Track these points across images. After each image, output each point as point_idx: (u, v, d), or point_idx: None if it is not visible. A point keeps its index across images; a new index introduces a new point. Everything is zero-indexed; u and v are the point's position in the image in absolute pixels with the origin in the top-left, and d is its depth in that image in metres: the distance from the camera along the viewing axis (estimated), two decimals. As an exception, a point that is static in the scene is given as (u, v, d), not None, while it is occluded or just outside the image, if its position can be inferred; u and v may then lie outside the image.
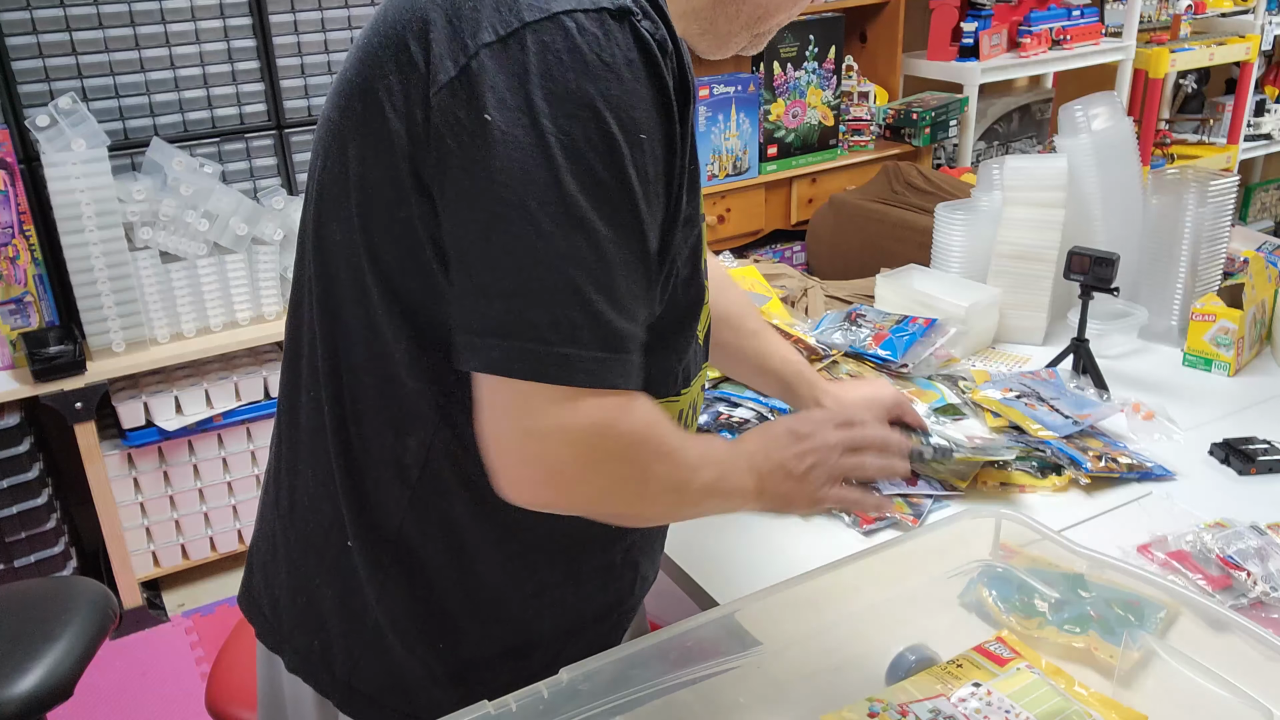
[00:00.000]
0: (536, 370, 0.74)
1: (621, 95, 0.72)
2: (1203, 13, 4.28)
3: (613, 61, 0.72)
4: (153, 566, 2.67)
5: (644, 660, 0.91)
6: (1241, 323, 1.61)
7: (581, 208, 0.72)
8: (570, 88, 0.71)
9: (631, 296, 0.77)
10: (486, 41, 0.72)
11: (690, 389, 0.96)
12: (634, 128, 0.73)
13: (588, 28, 0.71)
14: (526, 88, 0.71)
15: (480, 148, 0.72)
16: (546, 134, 0.71)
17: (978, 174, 1.93)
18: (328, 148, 0.84)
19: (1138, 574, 1.01)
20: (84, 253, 2.34)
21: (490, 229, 0.73)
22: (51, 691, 1.48)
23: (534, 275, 0.73)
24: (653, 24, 0.75)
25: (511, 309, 0.74)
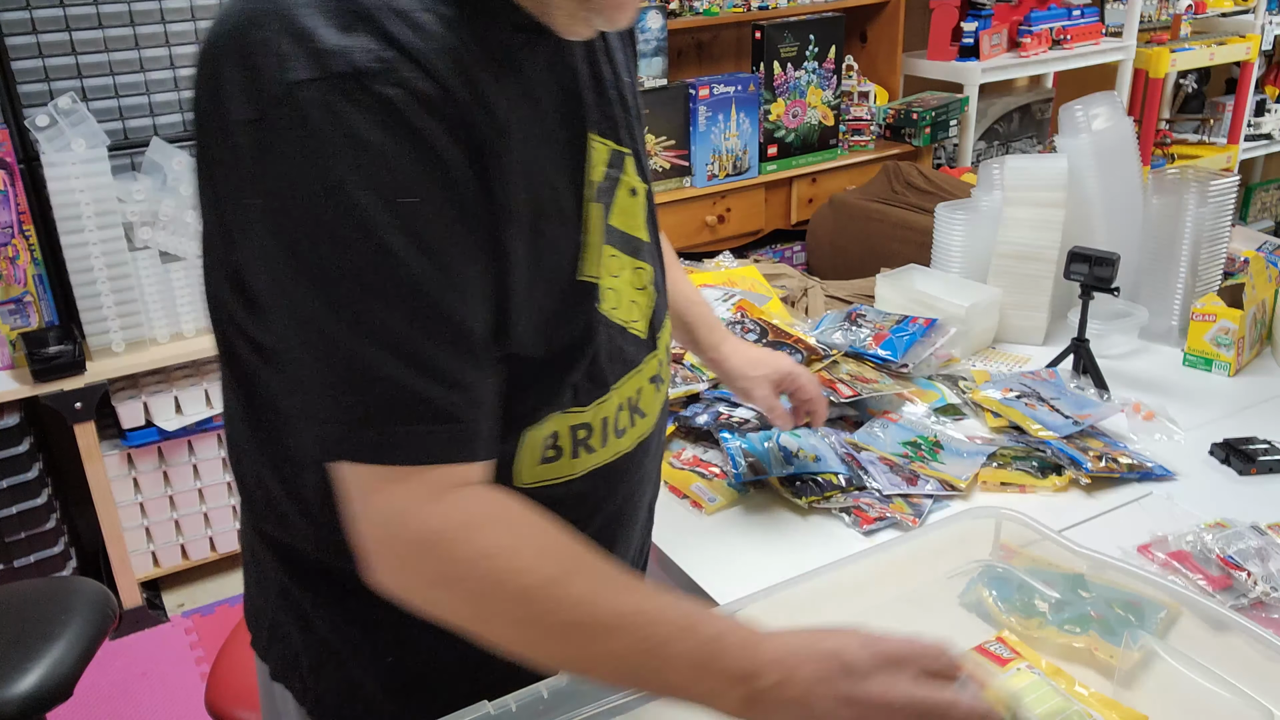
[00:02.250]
0: (359, 454, 0.72)
1: (369, 165, 0.68)
2: (1203, 13, 4.28)
3: (355, 130, 0.67)
4: (152, 566, 2.67)
5: (644, 660, 0.91)
6: (1242, 323, 1.61)
7: (353, 291, 0.69)
8: (311, 169, 0.68)
9: (445, 360, 0.72)
10: (244, 119, 0.69)
11: (615, 390, 0.90)
12: (394, 193, 0.69)
13: (324, 98, 0.66)
14: (274, 173, 0.68)
15: (255, 238, 0.71)
16: (300, 226, 0.69)
17: (978, 174, 1.93)
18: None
19: (1138, 574, 1.01)
20: (84, 252, 2.34)
21: (279, 321, 0.73)
22: (51, 691, 1.48)
23: (324, 363, 0.71)
24: (398, 76, 0.68)
25: (309, 397, 0.72)
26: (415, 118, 0.69)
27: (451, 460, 0.73)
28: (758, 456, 1.34)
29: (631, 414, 0.92)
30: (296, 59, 0.67)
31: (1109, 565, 1.02)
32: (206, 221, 0.80)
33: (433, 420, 0.72)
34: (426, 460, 0.72)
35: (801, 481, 1.31)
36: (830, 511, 1.29)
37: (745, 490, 1.34)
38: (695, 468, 1.38)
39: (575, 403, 0.86)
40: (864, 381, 1.49)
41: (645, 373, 0.93)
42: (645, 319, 0.93)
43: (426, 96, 0.69)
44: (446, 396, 0.72)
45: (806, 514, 1.29)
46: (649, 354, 0.94)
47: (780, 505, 1.31)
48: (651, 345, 0.94)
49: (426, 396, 0.71)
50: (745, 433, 1.40)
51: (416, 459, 0.72)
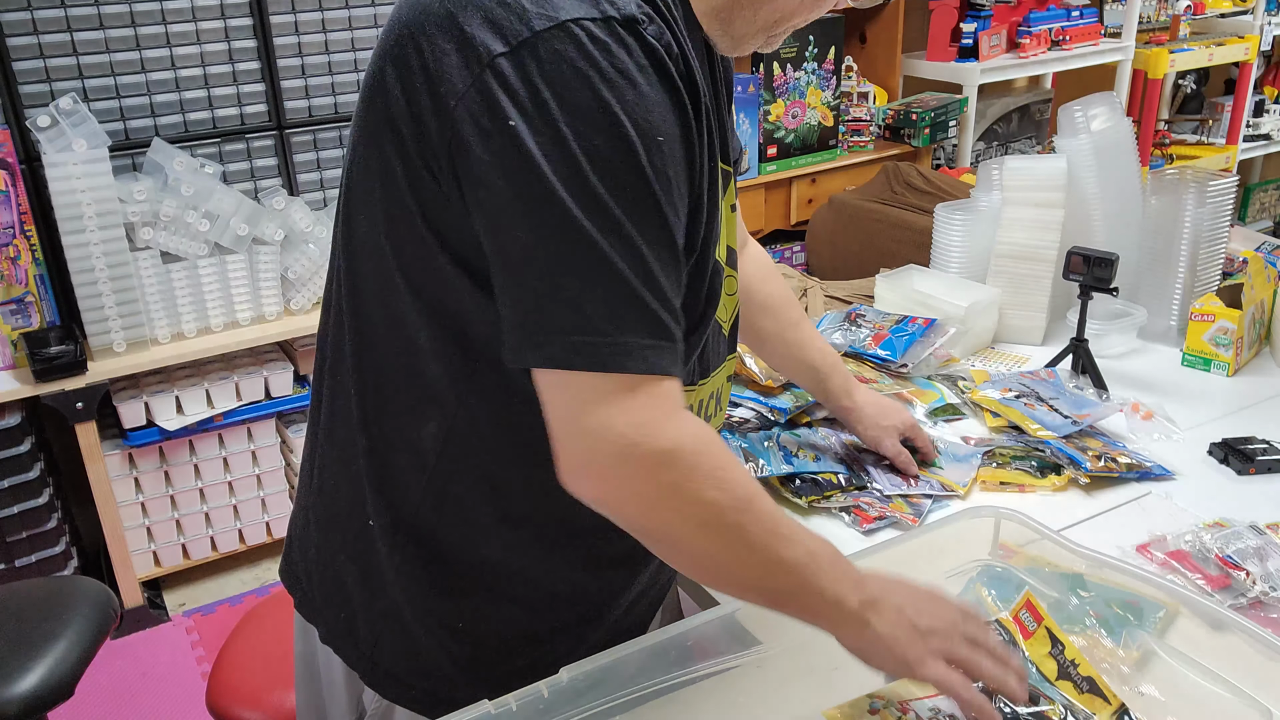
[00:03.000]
0: (595, 361, 0.76)
1: (635, 100, 0.74)
2: (1202, 13, 4.29)
3: (624, 68, 0.74)
4: (153, 566, 2.68)
5: (644, 660, 0.91)
6: (1240, 323, 1.61)
7: (612, 208, 0.75)
8: (588, 95, 0.73)
9: (668, 288, 0.79)
10: (499, 51, 0.73)
11: (710, 379, 0.98)
12: (650, 131, 0.75)
13: (598, 35, 0.73)
14: (544, 96, 0.73)
15: (510, 156, 0.74)
16: (570, 141, 0.73)
17: (977, 174, 1.93)
18: (354, 143, 0.87)
19: (1137, 574, 1.01)
20: (85, 253, 2.34)
21: (531, 233, 0.76)
22: (52, 691, 1.49)
23: (581, 274, 0.75)
24: (659, 29, 0.77)
25: (565, 306, 0.76)
26: (673, 68, 0.77)
27: (675, 375, 0.80)
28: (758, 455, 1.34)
29: (715, 405, 1.02)
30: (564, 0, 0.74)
31: (1108, 565, 1.03)
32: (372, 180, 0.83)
33: (662, 336, 0.78)
34: (659, 371, 0.78)
35: (801, 481, 1.31)
36: (830, 511, 1.29)
37: (745, 490, 1.34)
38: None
39: (689, 382, 0.93)
40: (864, 381, 1.50)
41: (726, 370, 1.03)
42: (730, 321, 1.01)
43: (678, 53, 0.78)
44: (670, 318, 0.79)
45: (806, 514, 1.29)
46: (730, 354, 1.03)
47: (780, 505, 1.31)
48: (732, 346, 1.03)
49: (657, 315, 0.78)
50: (745, 433, 1.41)
51: (651, 369, 0.78)
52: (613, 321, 0.76)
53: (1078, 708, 0.89)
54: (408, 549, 0.92)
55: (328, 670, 1.02)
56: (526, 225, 0.76)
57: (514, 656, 0.96)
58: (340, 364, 0.93)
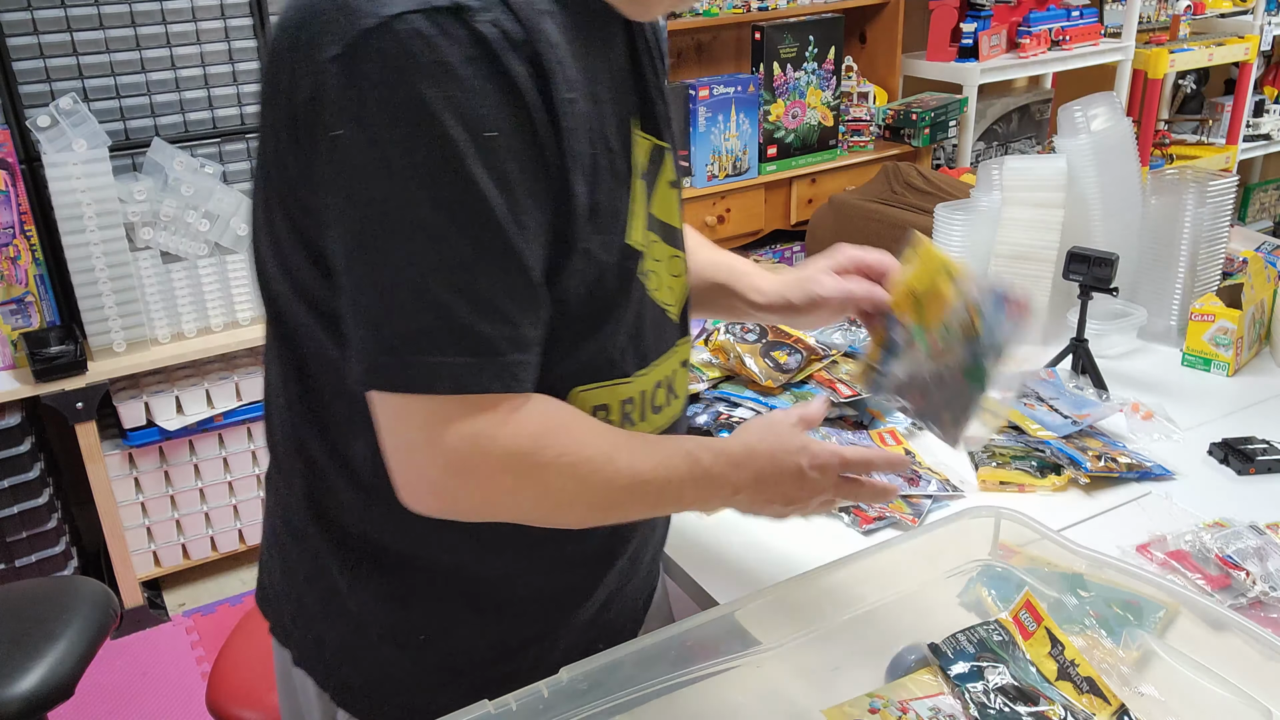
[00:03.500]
0: (402, 383, 0.74)
1: (461, 95, 0.71)
2: (1202, 13, 4.29)
3: (449, 61, 0.70)
4: (153, 566, 2.68)
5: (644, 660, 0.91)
6: (1240, 323, 1.61)
7: (428, 214, 0.72)
8: (405, 94, 0.70)
9: (501, 296, 0.75)
10: (331, 55, 0.71)
11: (653, 368, 0.94)
12: (479, 126, 0.72)
13: (422, 30, 0.70)
14: (364, 100, 0.71)
15: (336, 166, 0.73)
16: (387, 146, 0.71)
17: (977, 174, 1.93)
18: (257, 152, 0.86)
19: (1137, 573, 1.01)
20: (85, 253, 2.34)
21: (351, 246, 0.74)
22: (52, 691, 1.49)
23: (389, 288, 0.73)
24: (495, 15, 0.72)
25: (373, 324, 0.74)
26: (505, 56, 0.73)
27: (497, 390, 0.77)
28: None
29: (667, 393, 0.98)
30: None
31: (1108, 564, 1.02)
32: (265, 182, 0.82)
33: (481, 351, 0.75)
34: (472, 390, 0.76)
35: (801, 481, 1.31)
36: (830, 511, 1.29)
37: (745, 490, 1.34)
38: (695, 468, 1.38)
39: (622, 373, 0.90)
40: (864, 381, 1.50)
41: (678, 355, 0.99)
42: (679, 305, 0.98)
43: (516, 38, 0.73)
44: (496, 328, 0.76)
45: (806, 514, 1.29)
46: (680, 338, 0.99)
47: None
48: (683, 330, 1.00)
49: (473, 329, 0.74)
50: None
51: (462, 389, 0.75)
52: (419, 341, 0.74)
53: (1077, 708, 0.89)
54: (359, 566, 0.91)
55: (304, 694, 1.00)
56: (345, 238, 0.74)
57: (483, 667, 0.95)
58: (273, 381, 0.92)
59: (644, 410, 0.94)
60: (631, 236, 0.87)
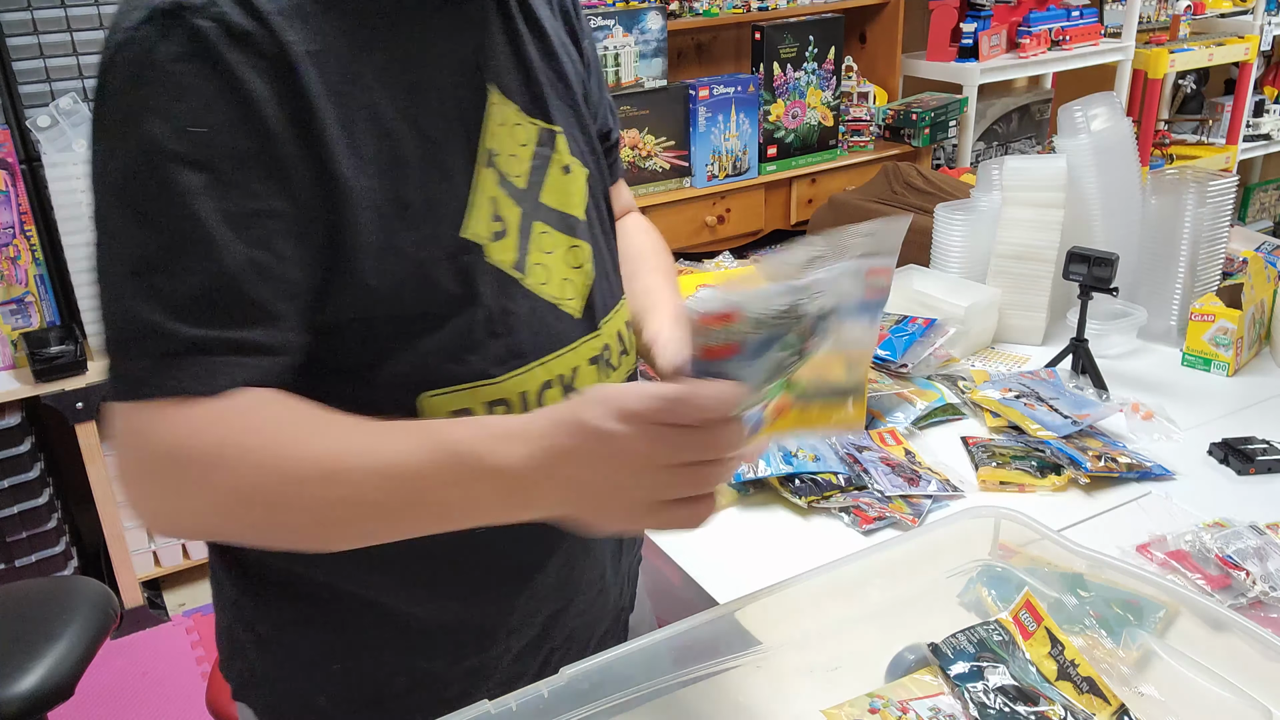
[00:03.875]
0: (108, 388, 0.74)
1: (166, 94, 0.70)
2: (1202, 13, 4.29)
3: (158, 60, 0.70)
4: (153, 566, 2.67)
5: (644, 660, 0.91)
6: (1240, 323, 1.61)
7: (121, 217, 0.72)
8: (120, 101, 0.71)
9: (202, 298, 0.71)
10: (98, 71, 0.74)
11: (528, 370, 0.85)
12: (183, 122, 0.70)
13: (143, 34, 0.70)
14: (97, 113, 0.73)
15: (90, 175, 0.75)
16: (99, 154, 0.72)
17: (977, 174, 1.93)
18: None
19: (1137, 573, 1.01)
20: (85, 253, 2.34)
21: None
22: (52, 691, 1.49)
23: (100, 294, 0.75)
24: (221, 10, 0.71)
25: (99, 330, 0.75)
26: (223, 49, 0.71)
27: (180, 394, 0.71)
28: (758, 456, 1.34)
29: (564, 394, 0.88)
30: (136, 6, 0.71)
31: (1108, 565, 1.02)
32: None
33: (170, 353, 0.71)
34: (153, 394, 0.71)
35: (801, 481, 1.31)
36: (830, 511, 1.29)
37: (745, 490, 1.34)
38: (695, 468, 1.38)
39: (480, 374, 0.83)
40: (864, 382, 1.50)
41: (583, 353, 0.90)
42: (581, 297, 0.90)
43: (241, 31, 0.71)
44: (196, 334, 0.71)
45: (806, 514, 1.29)
46: (587, 333, 0.91)
47: (780, 505, 1.31)
48: (590, 326, 0.91)
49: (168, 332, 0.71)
50: None
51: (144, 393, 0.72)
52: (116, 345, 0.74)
53: (1077, 708, 0.89)
54: (262, 595, 0.91)
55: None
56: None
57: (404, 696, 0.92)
58: None
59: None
60: (468, 229, 0.82)
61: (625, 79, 3.06)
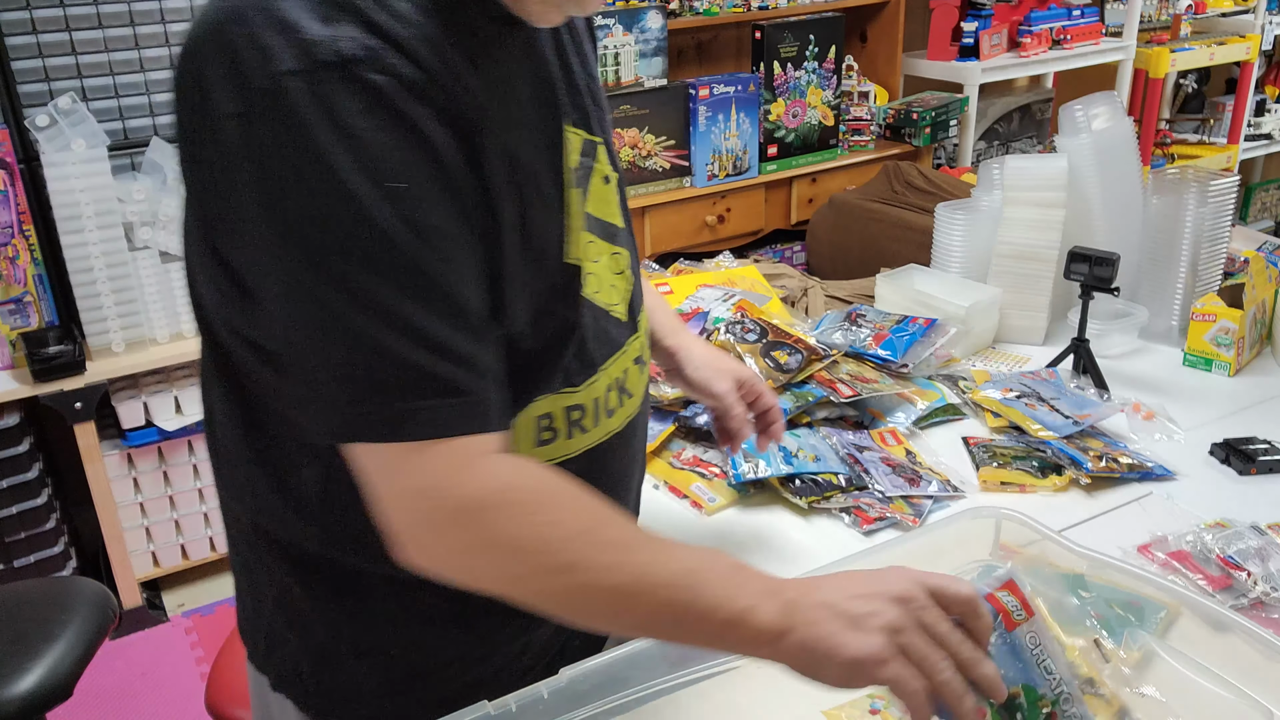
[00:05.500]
0: (374, 432, 0.73)
1: (360, 152, 0.69)
2: (1203, 13, 4.28)
3: (342, 119, 0.69)
4: (152, 566, 2.67)
5: (644, 660, 0.91)
6: (1242, 323, 1.61)
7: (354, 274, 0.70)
8: (306, 161, 0.69)
9: (448, 336, 0.73)
10: (229, 112, 0.69)
11: (602, 373, 0.91)
12: (385, 178, 0.70)
13: (314, 90, 0.68)
14: (268, 166, 0.69)
15: (251, 231, 0.72)
16: (298, 215, 0.70)
17: (978, 174, 1.93)
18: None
19: (1138, 574, 1.01)
20: (84, 253, 2.34)
21: (281, 312, 0.73)
22: (51, 691, 1.48)
23: (337, 346, 0.72)
24: (383, 64, 0.70)
25: (332, 380, 0.73)
26: (402, 103, 0.71)
27: (466, 431, 0.74)
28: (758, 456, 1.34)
29: (620, 394, 0.95)
30: (282, 50, 0.68)
31: (1109, 565, 1.02)
32: (190, 220, 0.80)
33: (440, 394, 0.73)
34: (442, 433, 0.73)
35: (801, 481, 1.31)
36: (830, 511, 1.29)
37: (745, 490, 1.34)
38: (695, 468, 1.38)
39: (567, 384, 0.88)
40: (864, 381, 1.49)
41: (629, 354, 0.96)
42: (625, 302, 0.96)
43: (412, 82, 0.71)
44: (451, 370, 0.73)
45: (806, 514, 1.29)
46: (631, 336, 0.97)
47: (780, 505, 1.31)
48: (633, 328, 0.97)
49: (431, 370, 0.72)
50: None
51: (432, 433, 0.73)
52: (380, 390, 0.72)
53: None
54: (317, 587, 0.90)
55: (283, 717, 0.98)
56: (276, 300, 0.73)
57: (451, 679, 0.94)
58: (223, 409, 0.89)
59: (597, 416, 0.92)
60: (570, 254, 0.86)
61: (625, 78, 3.05)
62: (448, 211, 0.74)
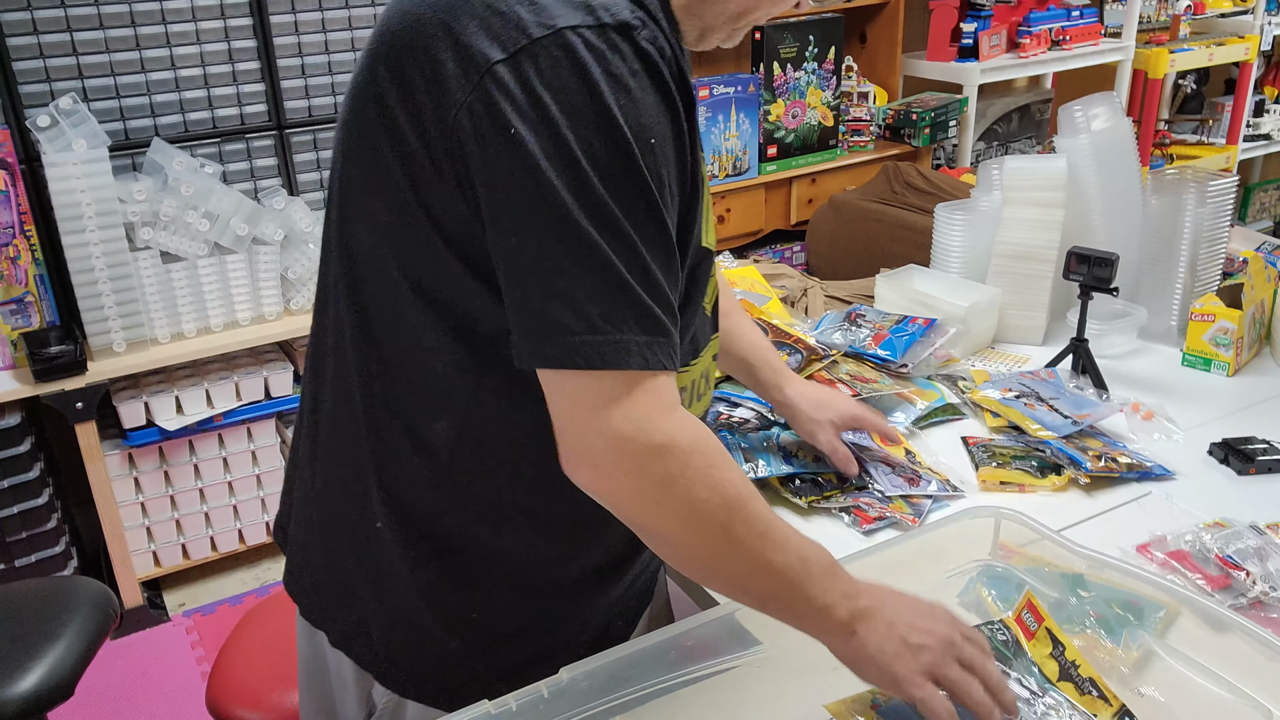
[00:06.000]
0: (594, 359, 0.78)
1: (630, 105, 0.77)
2: (1202, 13, 4.28)
3: (619, 74, 0.77)
4: (153, 566, 2.67)
5: (644, 660, 0.91)
6: (1240, 323, 1.61)
7: (611, 209, 0.77)
8: (585, 100, 0.76)
9: (665, 285, 0.81)
10: (497, 59, 0.76)
11: (700, 359, 1.00)
12: (644, 133, 0.78)
13: (594, 42, 0.76)
14: (544, 102, 0.75)
15: (511, 161, 0.77)
16: (570, 145, 0.76)
17: (977, 174, 1.93)
18: (345, 150, 0.88)
19: (1137, 574, 1.01)
20: (85, 253, 2.34)
21: (533, 236, 0.78)
22: (52, 691, 1.49)
23: (579, 275, 0.78)
24: (652, 33, 0.79)
25: (564, 307, 0.78)
26: (664, 72, 0.80)
27: (672, 370, 0.82)
28: (758, 456, 1.34)
29: (705, 382, 1.04)
30: (559, 8, 0.77)
31: (1108, 565, 1.02)
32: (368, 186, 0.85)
33: (658, 332, 0.81)
34: (655, 368, 0.80)
35: (801, 481, 1.31)
36: (830, 511, 1.29)
37: (745, 490, 1.34)
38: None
39: (683, 363, 0.94)
40: (864, 381, 1.50)
41: (712, 349, 1.05)
42: (711, 303, 1.02)
43: (669, 56, 0.81)
44: (666, 315, 0.81)
45: (806, 514, 1.29)
46: (714, 333, 1.05)
47: (780, 505, 1.31)
48: (715, 325, 1.05)
49: (654, 312, 0.80)
50: (745, 432, 1.41)
51: (647, 365, 0.80)
52: (611, 320, 0.78)
53: (1079, 709, 0.89)
54: (421, 545, 0.93)
55: (338, 672, 1.02)
56: (529, 228, 0.78)
57: (524, 643, 0.98)
58: (343, 369, 0.93)
59: (691, 398, 0.99)
60: (707, 239, 0.94)
61: (625, 79, 3.05)
62: (678, 176, 0.83)
